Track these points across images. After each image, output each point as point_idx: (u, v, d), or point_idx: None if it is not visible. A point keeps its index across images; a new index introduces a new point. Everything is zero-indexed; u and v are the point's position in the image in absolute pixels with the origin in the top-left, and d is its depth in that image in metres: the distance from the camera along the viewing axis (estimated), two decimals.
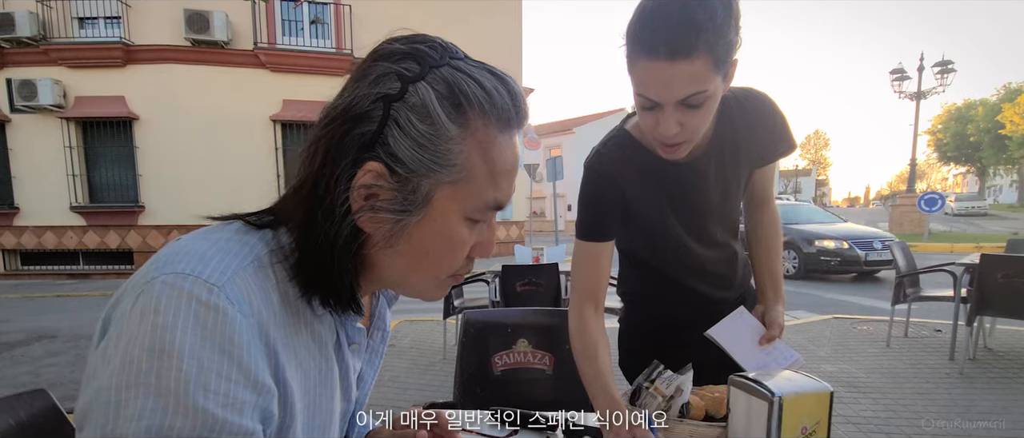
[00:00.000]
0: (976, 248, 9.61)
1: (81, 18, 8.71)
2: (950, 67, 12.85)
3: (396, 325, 4.77)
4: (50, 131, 8.65)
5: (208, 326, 0.38)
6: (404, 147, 0.43)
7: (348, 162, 0.43)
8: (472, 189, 0.47)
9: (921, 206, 11.64)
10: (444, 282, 0.52)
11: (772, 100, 0.99)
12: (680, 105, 0.79)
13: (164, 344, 0.37)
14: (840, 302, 5.70)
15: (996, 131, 28.43)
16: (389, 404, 2.86)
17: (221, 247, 0.43)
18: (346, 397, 0.55)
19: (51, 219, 8.99)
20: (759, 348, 0.99)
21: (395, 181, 0.44)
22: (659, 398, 0.87)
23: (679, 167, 0.97)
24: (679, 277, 1.10)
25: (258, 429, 0.41)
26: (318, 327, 0.49)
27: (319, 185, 0.44)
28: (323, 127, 0.45)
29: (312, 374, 0.48)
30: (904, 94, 13.92)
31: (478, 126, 0.45)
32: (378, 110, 0.43)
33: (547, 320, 1.50)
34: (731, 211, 1.08)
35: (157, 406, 0.36)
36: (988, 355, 3.44)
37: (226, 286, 0.40)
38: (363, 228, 0.46)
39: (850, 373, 3.17)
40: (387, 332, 0.63)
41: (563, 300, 3.38)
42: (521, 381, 1.46)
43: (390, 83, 0.43)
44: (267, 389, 0.41)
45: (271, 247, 0.45)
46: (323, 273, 0.45)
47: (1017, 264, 2.98)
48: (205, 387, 0.37)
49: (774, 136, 1.00)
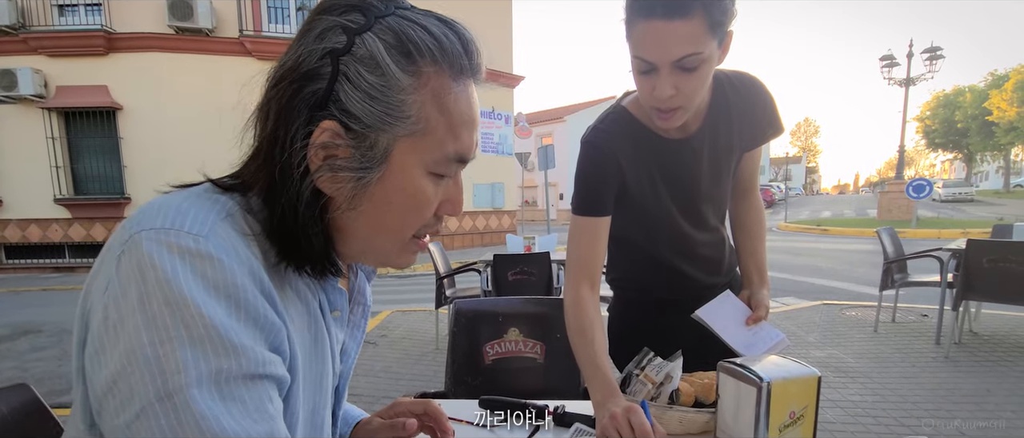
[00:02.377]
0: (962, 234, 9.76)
1: (61, 5, 8.49)
2: (939, 54, 12.95)
3: (388, 316, 4.77)
4: (32, 122, 8.47)
5: (208, 274, 0.38)
6: (356, 102, 0.42)
7: (302, 122, 0.42)
8: (431, 141, 0.46)
9: (909, 193, 11.78)
10: (409, 244, 0.51)
11: (763, 83, 1.01)
12: (676, 67, 0.80)
13: (177, 296, 0.36)
14: (829, 288, 5.78)
15: (983, 118, 28.77)
16: (381, 394, 2.86)
17: (194, 202, 0.42)
18: (333, 368, 0.54)
19: (35, 212, 8.84)
20: (746, 328, 1.01)
21: (351, 138, 0.43)
22: (649, 385, 0.87)
23: (675, 144, 0.98)
24: (671, 260, 1.10)
25: (280, 359, 0.42)
26: (301, 287, 0.49)
27: (275, 148, 0.43)
28: (272, 88, 0.44)
29: (303, 331, 0.47)
30: (893, 81, 14.02)
31: (430, 75, 0.44)
32: (326, 66, 0.42)
33: (538, 309, 1.50)
34: (721, 195, 1.08)
35: (198, 354, 0.36)
36: (973, 339, 3.50)
37: (209, 236, 0.39)
38: (324, 190, 0.45)
39: (838, 358, 3.22)
40: (368, 306, 0.62)
41: (555, 289, 3.39)
42: (512, 370, 1.46)
43: (336, 37, 0.42)
44: (276, 326, 0.42)
45: (242, 207, 0.44)
46: (293, 237, 0.45)
47: (1002, 249, 3.03)
48: (231, 328, 0.37)
49: (764, 118, 1.01)
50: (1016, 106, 25.30)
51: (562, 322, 1.46)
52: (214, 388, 0.36)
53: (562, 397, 0.99)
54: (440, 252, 3.92)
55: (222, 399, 0.36)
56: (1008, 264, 2.97)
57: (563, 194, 28.99)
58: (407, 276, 7.84)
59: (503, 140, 11.80)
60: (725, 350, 0.97)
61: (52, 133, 8.56)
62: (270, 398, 0.40)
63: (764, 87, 1.01)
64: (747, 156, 1.09)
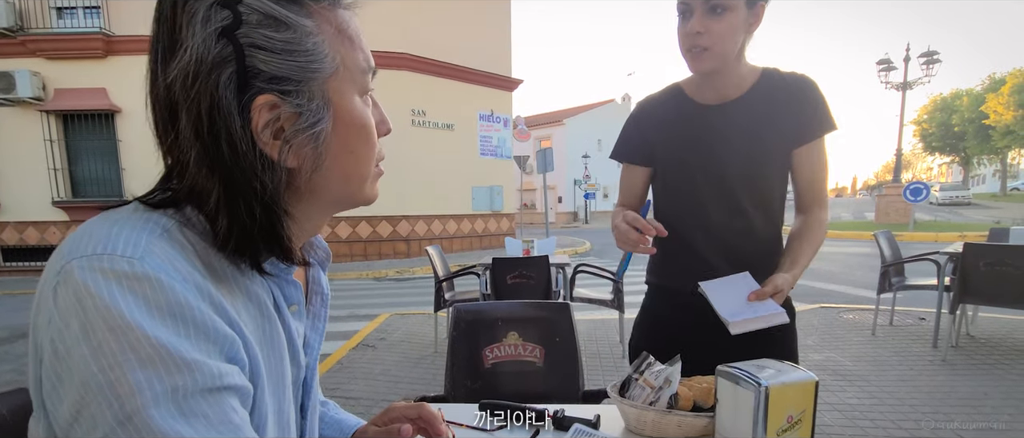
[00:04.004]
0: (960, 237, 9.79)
1: (59, 8, 8.49)
2: (936, 58, 13.01)
3: (387, 319, 4.77)
4: (30, 124, 8.45)
5: (148, 296, 0.37)
6: (278, 63, 0.42)
7: (235, 111, 0.41)
8: (351, 66, 0.47)
9: (907, 196, 11.81)
10: (375, 175, 0.53)
11: (815, 82, 1.07)
12: (707, 9, 0.96)
13: (120, 321, 0.35)
14: (827, 291, 5.79)
15: (980, 121, 28.88)
16: (380, 398, 2.86)
17: (124, 224, 0.41)
18: (295, 362, 0.54)
19: (33, 214, 8.82)
20: (745, 303, 0.99)
21: (291, 101, 0.43)
22: (648, 389, 0.88)
23: (710, 110, 1.09)
24: (692, 239, 1.13)
25: (237, 369, 0.41)
26: (252, 288, 0.48)
27: (223, 154, 0.41)
28: (186, 92, 0.41)
29: (257, 335, 0.47)
30: (890, 84, 14.08)
31: (321, 11, 0.44)
32: (227, 46, 0.40)
33: (538, 313, 1.50)
34: (761, 180, 1.09)
35: (150, 375, 0.36)
36: (970, 342, 3.51)
37: (144, 256, 0.38)
38: (290, 165, 0.44)
39: (836, 361, 3.23)
40: (326, 295, 0.62)
41: (553, 292, 3.39)
42: (511, 374, 1.46)
43: (218, 15, 0.40)
44: (229, 337, 0.41)
45: (179, 222, 0.43)
46: (260, 236, 0.44)
47: (999, 253, 3.04)
48: (179, 345, 0.37)
49: (811, 113, 1.06)
50: (1013, 110, 25.40)
51: (561, 326, 1.47)
52: (173, 406, 0.36)
53: (562, 401, 0.99)
54: (439, 255, 3.92)
55: (182, 416, 0.36)
56: (1005, 268, 2.99)
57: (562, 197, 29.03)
58: (406, 279, 7.84)
59: (502, 143, 11.81)
60: (734, 355, 0.96)
61: (50, 135, 8.55)
62: (234, 409, 0.40)
63: (815, 85, 1.06)
64: (803, 158, 1.08)
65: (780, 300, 0.99)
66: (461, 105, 10.70)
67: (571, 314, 1.48)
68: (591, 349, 3.63)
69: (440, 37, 10.01)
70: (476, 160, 11.24)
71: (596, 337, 3.95)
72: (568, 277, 3.57)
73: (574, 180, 26.42)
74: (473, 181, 11.14)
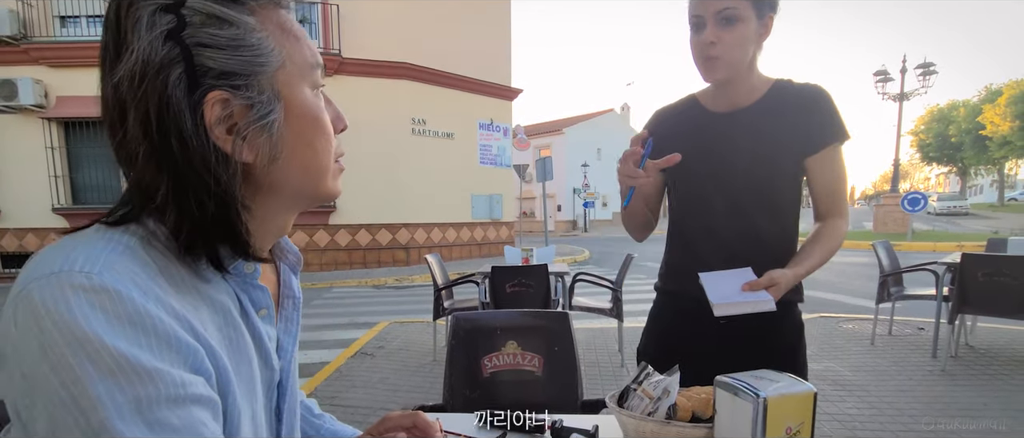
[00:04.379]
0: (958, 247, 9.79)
1: (63, 17, 8.55)
2: (932, 69, 13.12)
3: (386, 327, 4.75)
4: (31, 131, 8.47)
5: (107, 307, 0.37)
6: (225, 59, 0.43)
7: (187, 108, 0.42)
8: (298, 61, 0.48)
9: (904, 206, 11.84)
10: (335, 170, 0.54)
11: (826, 92, 1.09)
12: (719, 18, 1.00)
13: (77, 334, 0.35)
14: (826, 300, 5.79)
15: (977, 132, 29.03)
16: (379, 406, 2.84)
17: (83, 244, 0.41)
18: (267, 365, 0.54)
19: (33, 221, 8.81)
20: (738, 292, 0.99)
21: (241, 95, 0.44)
22: (647, 400, 0.88)
23: (719, 117, 1.12)
24: (702, 246, 1.14)
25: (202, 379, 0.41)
26: (217, 297, 0.48)
27: (172, 149, 0.42)
28: (133, 92, 0.42)
29: (223, 343, 0.47)
30: (887, 95, 14.17)
31: (263, 10, 0.46)
32: (175, 48, 0.41)
33: (536, 322, 1.51)
34: (765, 183, 1.09)
35: (111, 387, 0.35)
36: (969, 353, 3.51)
37: (103, 271, 0.38)
38: (246, 159, 0.45)
39: (836, 371, 3.22)
40: (297, 298, 0.62)
41: (553, 301, 3.39)
42: (510, 383, 1.46)
43: (162, 19, 0.41)
44: (192, 348, 0.41)
45: (139, 235, 0.44)
46: (215, 229, 0.45)
47: (997, 263, 3.05)
48: (140, 355, 0.37)
49: (822, 121, 1.07)
50: (1009, 121, 25.53)
51: (560, 335, 1.47)
52: (137, 416, 0.36)
53: (560, 411, 0.99)
54: (438, 263, 3.92)
55: (148, 426, 0.36)
56: (1003, 278, 2.99)
57: (561, 206, 29.05)
58: (405, 287, 7.82)
59: (501, 152, 11.85)
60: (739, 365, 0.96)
61: (52, 143, 8.56)
62: (203, 423, 0.40)
63: (827, 95, 1.08)
64: (816, 166, 1.09)
65: (776, 294, 0.98)
66: (461, 114, 10.75)
67: (570, 323, 1.48)
68: (590, 358, 3.62)
69: (441, 47, 10.08)
70: (476, 168, 11.26)
71: (595, 346, 3.94)
72: (567, 285, 3.57)
73: (573, 189, 26.49)
74: (472, 189, 11.16)
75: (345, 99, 10.47)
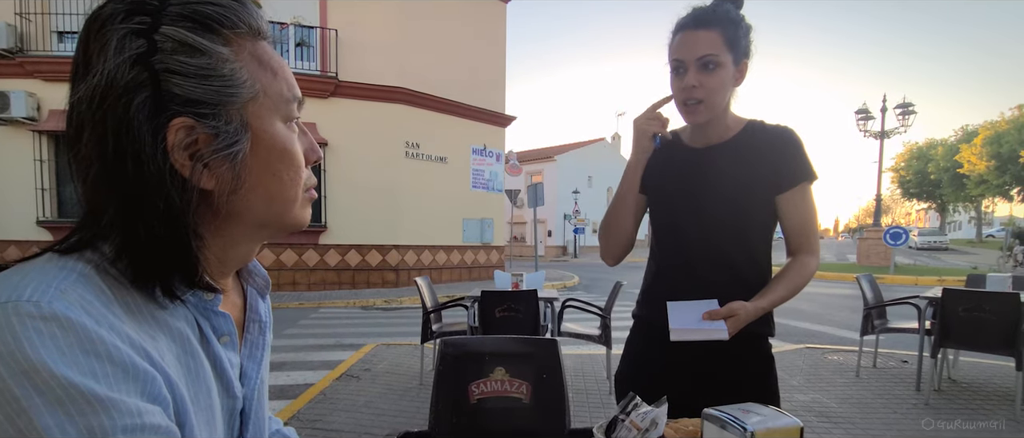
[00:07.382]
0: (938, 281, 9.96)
1: (60, 32, 8.58)
2: (911, 109, 13.54)
3: (372, 349, 4.68)
4: (21, 144, 8.39)
5: (57, 335, 0.35)
6: (193, 88, 0.43)
7: (148, 132, 0.41)
8: (272, 94, 0.48)
9: (887, 240, 12.07)
10: (304, 200, 0.53)
11: (796, 133, 1.14)
12: (699, 64, 1.06)
13: (24, 364, 0.34)
14: (812, 332, 5.83)
15: (955, 170, 29.89)
16: (363, 430, 2.79)
17: (33, 273, 0.39)
18: (228, 393, 0.53)
19: (16, 233, 8.62)
20: (697, 320, 1.04)
21: (207, 124, 0.43)
22: (634, 431, 0.89)
23: (696, 152, 1.18)
24: (675, 276, 1.18)
25: (159, 409, 0.40)
26: (174, 324, 0.47)
27: (126, 171, 0.41)
28: (92, 112, 0.41)
29: (181, 371, 0.46)
30: (868, 133, 14.58)
31: (239, 41, 0.46)
32: (142, 73, 0.41)
33: (525, 349, 1.51)
34: (737, 216, 1.12)
35: (61, 418, 0.34)
36: (952, 387, 3.55)
37: (54, 300, 0.37)
38: (206, 186, 0.45)
39: (822, 403, 3.23)
40: (265, 323, 0.61)
41: (541, 327, 3.38)
42: (497, 410, 1.45)
43: (132, 42, 0.41)
44: (149, 375, 0.39)
45: (94, 261, 0.42)
46: (164, 256, 0.43)
47: (977, 298, 3.11)
48: (92, 384, 0.35)
49: (791, 161, 1.11)
50: (985, 160, 26.37)
51: (548, 362, 1.48)
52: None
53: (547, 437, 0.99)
54: (428, 286, 3.91)
55: None
56: (983, 313, 3.06)
57: (552, 231, 29.11)
58: (393, 309, 7.73)
59: (494, 177, 11.93)
60: (717, 397, 0.98)
61: (41, 155, 8.47)
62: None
63: (796, 136, 1.13)
64: (786, 205, 1.12)
65: (734, 325, 1.02)
66: (455, 139, 10.86)
67: (559, 352, 1.48)
68: (578, 385, 3.60)
69: (437, 73, 10.25)
70: (468, 193, 11.31)
71: (583, 373, 3.92)
72: (556, 311, 3.57)
73: (564, 214, 26.62)
74: (464, 213, 11.18)
75: (340, 121, 10.40)
